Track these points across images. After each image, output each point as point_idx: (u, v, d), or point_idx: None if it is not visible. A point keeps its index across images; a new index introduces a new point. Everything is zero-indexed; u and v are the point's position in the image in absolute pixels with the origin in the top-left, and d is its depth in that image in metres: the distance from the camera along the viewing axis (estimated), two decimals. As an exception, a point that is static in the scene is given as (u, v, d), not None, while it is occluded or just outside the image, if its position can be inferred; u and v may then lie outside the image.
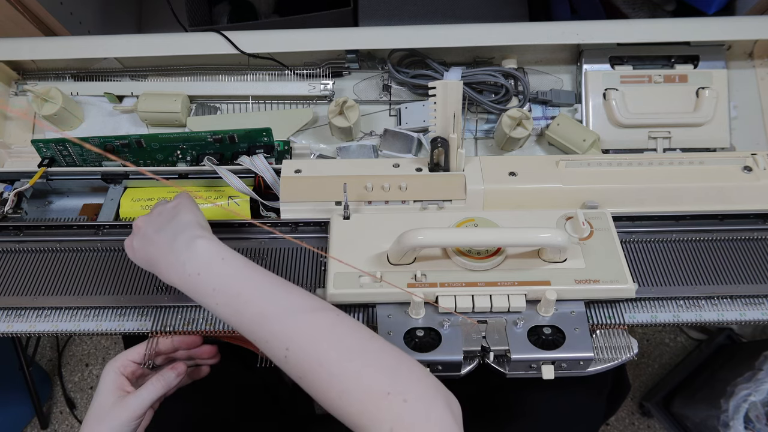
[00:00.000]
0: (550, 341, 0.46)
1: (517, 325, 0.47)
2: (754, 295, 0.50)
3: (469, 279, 0.48)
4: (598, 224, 0.51)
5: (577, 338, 0.46)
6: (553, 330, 0.46)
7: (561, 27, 0.65)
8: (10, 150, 0.68)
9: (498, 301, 0.47)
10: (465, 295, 0.47)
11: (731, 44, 0.66)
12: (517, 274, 0.48)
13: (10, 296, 0.52)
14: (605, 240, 0.50)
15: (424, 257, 0.49)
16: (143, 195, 0.59)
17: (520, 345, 0.45)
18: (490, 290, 0.47)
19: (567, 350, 0.45)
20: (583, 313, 0.47)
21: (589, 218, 0.51)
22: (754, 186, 0.54)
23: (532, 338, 0.46)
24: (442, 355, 0.45)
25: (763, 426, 0.76)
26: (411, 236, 0.45)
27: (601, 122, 0.65)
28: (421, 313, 0.47)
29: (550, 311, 0.47)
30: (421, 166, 0.56)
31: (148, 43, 0.67)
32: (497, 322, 0.47)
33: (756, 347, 0.93)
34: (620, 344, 0.48)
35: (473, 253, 0.48)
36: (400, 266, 0.49)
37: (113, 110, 0.69)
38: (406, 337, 0.46)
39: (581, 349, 0.45)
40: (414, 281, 0.48)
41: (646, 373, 1.14)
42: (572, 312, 0.47)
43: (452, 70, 0.65)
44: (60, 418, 1.16)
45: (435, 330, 0.46)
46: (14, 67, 0.70)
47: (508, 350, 0.45)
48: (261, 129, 0.59)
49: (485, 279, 0.48)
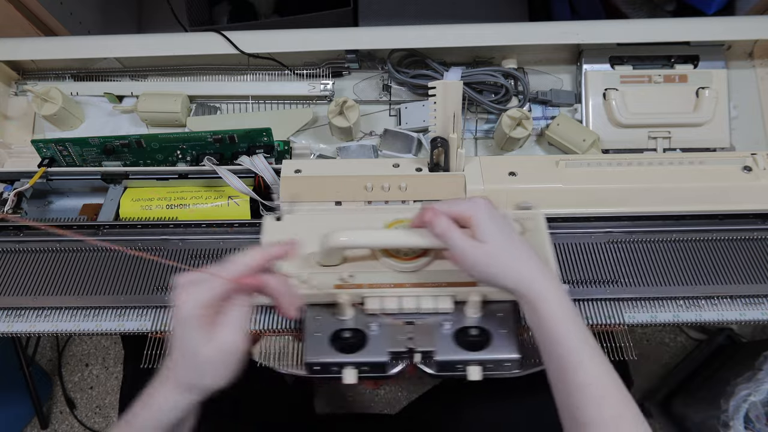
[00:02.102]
0: (476, 342, 0.46)
1: (444, 326, 0.46)
2: (754, 295, 0.50)
3: (396, 280, 0.48)
4: (530, 225, 0.51)
5: (503, 339, 0.46)
6: (480, 331, 0.46)
7: (561, 27, 0.65)
8: (10, 150, 0.68)
9: (425, 302, 0.47)
10: (392, 297, 0.47)
11: (731, 44, 0.66)
12: (445, 275, 0.48)
13: (10, 296, 0.52)
14: (535, 241, 0.49)
15: (353, 258, 0.49)
16: (143, 195, 0.59)
17: (445, 346, 0.45)
18: (417, 291, 0.47)
19: (492, 352, 0.45)
20: (511, 314, 0.47)
21: (522, 219, 0.51)
22: (753, 186, 0.54)
23: (459, 339, 0.46)
24: (367, 356, 0.45)
25: (763, 426, 0.76)
26: (330, 238, 0.45)
27: (601, 122, 0.65)
28: (348, 315, 0.47)
29: (477, 312, 0.47)
30: (421, 166, 0.56)
31: (148, 43, 0.67)
32: (424, 324, 0.47)
33: (756, 347, 0.93)
34: None
35: (401, 255, 0.48)
36: (330, 267, 0.48)
37: (113, 110, 0.69)
38: (332, 338, 0.46)
39: (506, 350, 0.45)
40: (341, 283, 0.47)
41: (646, 373, 1.14)
42: (500, 314, 0.47)
43: (452, 70, 0.65)
44: (60, 418, 1.16)
45: (362, 331, 0.46)
46: (14, 67, 0.70)
47: (433, 351, 0.45)
48: (261, 129, 0.59)
49: (412, 280, 0.48)
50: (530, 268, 0.41)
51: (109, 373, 1.18)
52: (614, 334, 0.51)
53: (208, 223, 0.55)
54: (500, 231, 0.42)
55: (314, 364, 0.45)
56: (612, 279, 0.51)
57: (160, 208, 0.58)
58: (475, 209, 0.42)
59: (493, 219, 0.42)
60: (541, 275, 0.41)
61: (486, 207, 0.42)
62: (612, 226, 0.55)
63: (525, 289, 0.41)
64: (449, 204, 0.43)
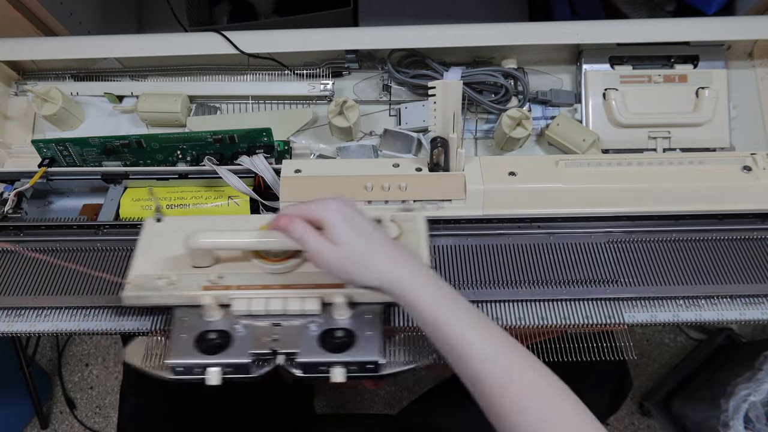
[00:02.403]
0: (342, 344, 0.45)
1: (310, 328, 0.46)
2: (753, 295, 0.50)
3: (265, 282, 0.47)
4: (408, 226, 0.50)
5: (367, 341, 0.45)
6: (345, 333, 0.46)
7: (561, 27, 0.65)
8: (10, 150, 0.68)
9: (291, 304, 0.46)
10: (259, 298, 0.47)
11: (731, 44, 0.66)
12: (314, 277, 0.47)
13: (10, 296, 0.52)
14: (412, 242, 0.49)
15: (226, 260, 0.49)
16: (143, 195, 0.59)
17: (309, 348, 0.45)
18: (285, 293, 0.47)
19: (354, 354, 0.45)
20: (379, 316, 0.47)
21: (400, 220, 0.51)
22: (753, 186, 0.54)
23: (324, 341, 0.46)
24: (230, 357, 0.45)
25: (763, 426, 0.76)
26: (188, 239, 0.45)
27: (601, 122, 0.65)
28: (215, 316, 0.47)
29: (345, 314, 0.47)
30: (421, 166, 0.56)
31: (148, 43, 0.67)
32: (291, 326, 0.47)
33: (756, 347, 0.93)
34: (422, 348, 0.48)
35: (270, 256, 0.48)
36: (201, 269, 0.48)
37: (113, 110, 0.69)
38: (198, 339, 0.46)
39: (368, 352, 0.45)
40: (209, 284, 0.47)
41: (646, 373, 1.14)
42: (368, 315, 0.47)
43: (452, 70, 0.65)
44: (60, 418, 1.16)
45: (228, 333, 0.46)
46: (14, 67, 0.70)
47: (296, 353, 0.45)
48: (261, 129, 0.59)
49: (281, 282, 0.48)
50: (391, 264, 0.41)
51: (109, 373, 1.18)
52: (614, 334, 0.51)
53: (208, 223, 0.55)
54: (354, 231, 0.42)
55: (176, 366, 0.45)
56: (612, 279, 0.51)
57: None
58: (327, 212, 0.42)
59: (346, 220, 0.42)
60: (406, 270, 0.41)
61: (338, 208, 0.42)
62: (612, 226, 0.55)
63: (391, 287, 0.41)
64: (303, 207, 0.43)
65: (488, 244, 0.53)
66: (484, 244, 0.53)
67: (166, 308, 0.49)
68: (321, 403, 1.12)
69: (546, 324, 0.49)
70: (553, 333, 0.50)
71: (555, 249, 0.53)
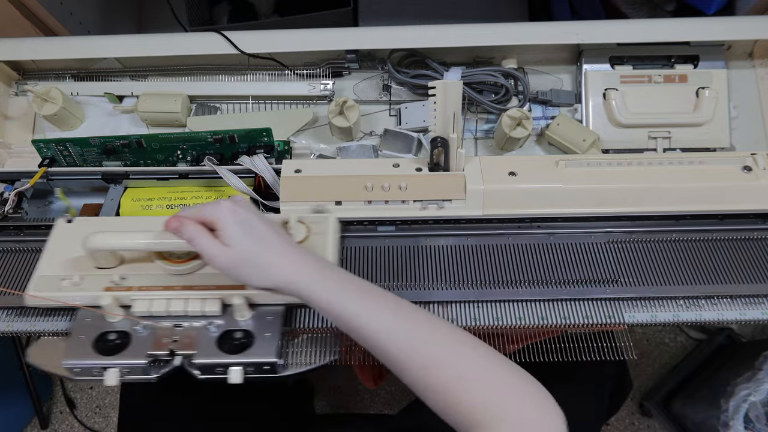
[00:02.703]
0: (240, 345, 0.46)
1: (210, 329, 0.47)
2: (754, 295, 0.50)
3: (167, 283, 0.48)
4: (317, 228, 0.51)
5: (265, 342, 0.46)
6: (244, 334, 0.46)
7: (561, 27, 0.65)
8: (11, 150, 0.68)
9: (193, 305, 0.47)
10: (161, 299, 0.47)
11: (731, 44, 0.66)
12: (215, 279, 0.47)
13: (10, 296, 0.51)
14: (318, 244, 0.50)
15: (130, 261, 0.49)
16: (143, 195, 0.59)
17: (206, 349, 0.45)
18: (186, 294, 0.47)
19: (251, 355, 0.45)
20: (280, 317, 0.47)
21: (310, 222, 0.51)
22: (753, 186, 0.54)
23: (223, 342, 0.46)
24: (126, 358, 0.45)
25: (763, 426, 0.76)
26: (86, 240, 0.46)
27: (601, 122, 0.65)
28: (116, 317, 0.47)
29: (245, 315, 0.47)
30: (421, 166, 0.56)
31: (148, 43, 0.67)
32: (192, 327, 0.47)
33: (756, 347, 0.93)
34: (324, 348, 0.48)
35: (174, 257, 0.48)
36: (105, 270, 0.49)
37: (113, 110, 0.69)
38: (97, 340, 0.46)
39: (264, 353, 0.45)
40: (111, 285, 0.47)
41: (646, 373, 1.14)
42: (269, 317, 0.47)
43: (452, 70, 0.65)
44: (60, 418, 1.16)
45: (128, 334, 0.46)
46: (14, 67, 0.70)
47: (193, 354, 0.45)
48: (261, 129, 0.59)
49: (183, 283, 0.48)
50: (287, 265, 0.42)
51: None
52: (614, 334, 0.51)
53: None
54: (246, 233, 0.42)
55: (73, 367, 0.45)
56: (612, 279, 0.51)
57: (160, 208, 0.58)
58: (218, 213, 0.42)
59: (238, 222, 0.42)
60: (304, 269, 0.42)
61: (229, 210, 0.42)
62: (612, 226, 0.55)
63: (290, 287, 0.42)
64: (196, 209, 0.43)
65: (488, 244, 0.53)
66: (484, 244, 0.53)
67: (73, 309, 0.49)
68: (321, 403, 1.12)
69: (546, 324, 0.49)
70: (554, 333, 0.50)
71: (555, 249, 0.53)
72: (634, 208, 0.55)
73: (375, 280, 0.51)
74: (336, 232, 0.51)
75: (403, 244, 0.54)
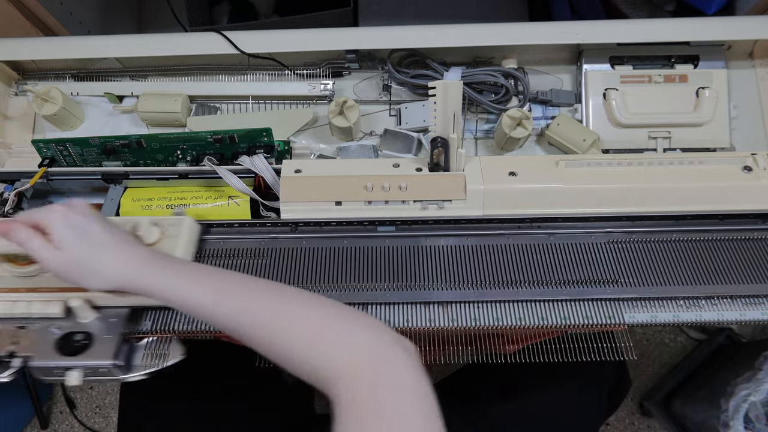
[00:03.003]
0: (79, 347, 0.46)
1: (53, 331, 0.47)
2: (754, 295, 0.50)
3: (12, 285, 0.49)
4: (172, 231, 0.51)
5: (104, 345, 0.46)
6: (84, 336, 0.46)
7: (561, 27, 0.65)
8: (11, 150, 0.68)
9: (35, 307, 0.47)
10: (5, 302, 0.48)
11: (731, 44, 0.66)
12: (58, 281, 0.47)
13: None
14: (170, 246, 0.50)
15: None
16: (143, 195, 0.59)
17: (44, 351, 0.46)
18: (30, 296, 0.48)
19: (88, 357, 0.45)
20: (123, 319, 0.47)
21: (164, 225, 0.51)
22: (754, 186, 0.54)
23: (63, 345, 0.46)
24: None
25: (763, 426, 0.76)
26: None
27: (601, 122, 0.65)
28: None
29: (88, 317, 0.47)
30: (421, 166, 0.56)
31: (148, 43, 0.67)
32: (34, 329, 0.47)
33: (756, 347, 0.93)
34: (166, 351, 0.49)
35: (19, 260, 0.49)
36: None
37: (113, 110, 0.69)
38: None
39: (101, 356, 0.45)
40: None
41: (646, 373, 1.14)
42: (113, 319, 0.47)
43: (452, 70, 0.65)
44: (60, 418, 1.16)
45: None
46: (14, 67, 0.70)
47: (31, 357, 0.45)
48: (261, 129, 0.59)
49: (28, 285, 0.48)
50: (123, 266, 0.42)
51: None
52: (614, 334, 0.51)
53: (208, 223, 0.55)
54: (77, 237, 0.42)
55: None
56: (612, 279, 0.51)
57: (160, 208, 0.58)
58: (50, 217, 0.43)
59: (68, 226, 0.42)
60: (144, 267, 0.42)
61: (60, 214, 0.43)
62: (612, 226, 0.55)
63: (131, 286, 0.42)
64: (29, 214, 0.44)
65: (488, 244, 0.53)
66: (484, 244, 0.53)
67: None
68: (321, 403, 1.12)
69: (546, 324, 0.49)
70: (554, 333, 0.50)
71: (555, 249, 0.53)
72: (634, 208, 0.55)
73: (375, 280, 0.51)
74: (192, 234, 0.52)
75: (403, 244, 0.54)
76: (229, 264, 0.53)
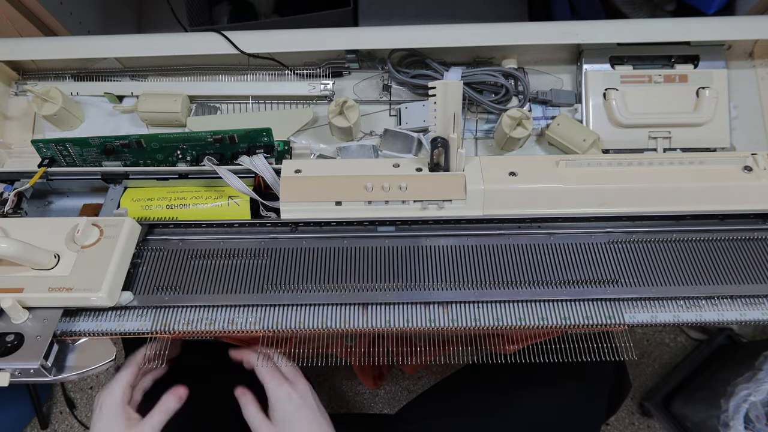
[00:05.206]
0: (10, 348, 0.45)
1: None
2: (754, 295, 0.50)
3: None
4: (110, 232, 0.50)
5: (33, 346, 0.45)
6: (15, 337, 0.46)
7: (561, 27, 0.65)
8: (10, 150, 0.68)
9: None
10: None
11: (731, 44, 0.66)
12: None
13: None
14: (107, 248, 0.49)
15: None
16: (143, 195, 0.59)
17: None
18: None
19: (15, 359, 0.45)
20: (55, 320, 0.47)
21: (106, 225, 0.50)
22: (754, 186, 0.54)
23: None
24: None
25: (763, 426, 0.76)
26: None
27: (601, 122, 0.65)
28: None
29: (21, 318, 0.47)
30: (421, 166, 0.56)
31: (148, 43, 0.67)
32: None
33: (756, 347, 0.93)
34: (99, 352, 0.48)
35: None
36: None
37: (113, 110, 0.69)
38: None
39: (29, 357, 0.45)
40: None
41: (646, 373, 1.14)
42: (45, 320, 0.47)
43: (452, 70, 0.65)
44: (60, 418, 1.16)
45: None
46: (14, 67, 0.70)
47: None
48: (261, 129, 0.59)
49: None
50: None
51: (109, 373, 1.18)
52: (614, 334, 0.51)
53: (208, 223, 0.55)
54: None
55: None
56: (612, 279, 0.51)
57: (160, 208, 0.58)
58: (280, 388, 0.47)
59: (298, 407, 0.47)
60: None
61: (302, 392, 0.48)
62: (612, 226, 0.55)
63: None
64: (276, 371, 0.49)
65: (488, 244, 0.53)
66: (484, 244, 0.53)
67: None
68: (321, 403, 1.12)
69: (546, 324, 0.49)
70: (554, 333, 0.50)
71: (555, 249, 0.53)
72: (634, 208, 0.55)
73: (375, 280, 0.51)
74: (131, 236, 0.51)
75: (403, 244, 0.54)
76: (229, 264, 0.53)
